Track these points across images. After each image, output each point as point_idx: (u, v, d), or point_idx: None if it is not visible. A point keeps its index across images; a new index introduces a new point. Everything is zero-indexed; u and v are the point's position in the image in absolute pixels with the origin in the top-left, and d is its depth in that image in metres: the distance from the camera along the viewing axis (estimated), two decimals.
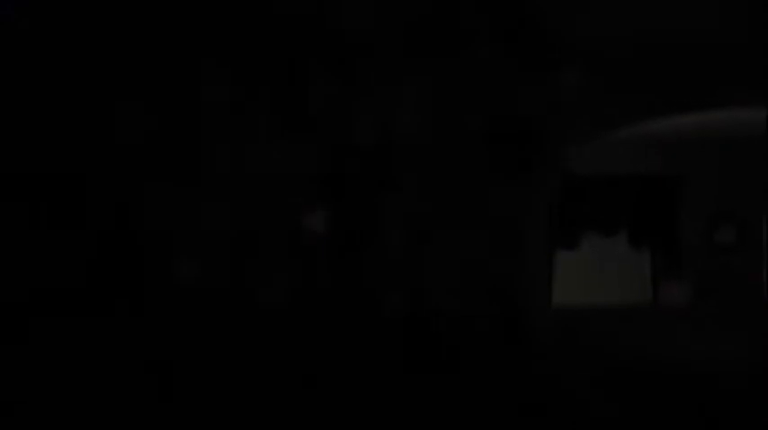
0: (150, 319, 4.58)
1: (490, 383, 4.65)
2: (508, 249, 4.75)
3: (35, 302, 4.53)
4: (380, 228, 4.70)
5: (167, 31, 4.68)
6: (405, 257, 4.70)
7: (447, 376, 4.64)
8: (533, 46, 4.75)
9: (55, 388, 4.51)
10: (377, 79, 4.73)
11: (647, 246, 10.53)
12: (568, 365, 5.17)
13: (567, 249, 10.30)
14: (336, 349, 4.62)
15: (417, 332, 4.65)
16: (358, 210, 4.69)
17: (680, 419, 5.32)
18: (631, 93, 4.88)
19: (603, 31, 4.78)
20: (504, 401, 4.65)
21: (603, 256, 10.43)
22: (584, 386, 5.21)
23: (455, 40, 4.75)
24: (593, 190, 10.43)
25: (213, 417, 4.54)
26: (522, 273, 4.79)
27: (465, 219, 4.74)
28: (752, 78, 4.95)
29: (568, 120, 4.83)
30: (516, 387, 4.67)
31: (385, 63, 4.73)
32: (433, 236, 4.71)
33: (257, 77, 4.70)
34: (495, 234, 4.74)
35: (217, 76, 4.68)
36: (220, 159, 4.68)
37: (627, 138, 9.64)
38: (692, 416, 5.39)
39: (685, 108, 5.84)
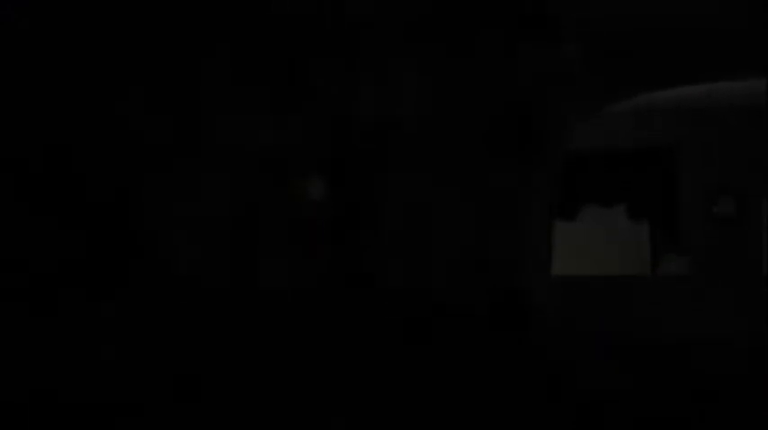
0: (150, 308, 4.61)
1: (492, 362, 4.70)
2: (509, 234, 4.77)
3: (33, 292, 4.56)
4: (380, 211, 4.71)
5: (167, 15, 4.67)
6: (404, 240, 4.72)
7: (447, 356, 4.68)
8: (533, 22, 4.75)
9: (53, 380, 4.55)
10: (378, 61, 4.73)
11: (647, 217, 10.55)
12: (569, 336, 5.22)
13: (566, 220, 10.33)
14: (337, 333, 4.66)
15: (418, 314, 4.69)
16: (357, 193, 4.71)
17: (678, 389, 5.37)
18: (629, 68, 4.89)
19: (603, 9, 4.78)
20: (508, 379, 4.70)
21: (602, 228, 10.46)
22: (584, 357, 5.26)
23: (456, 22, 4.75)
24: (592, 161, 10.44)
25: (216, 404, 4.58)
26: (523, 259, 4.82)
27: (466, 203, 4.76)
28: (751, 59, 4.96)
29: (568, 96, 4.85)
30: (519, 364, 4.72)
31: (386, 44, 4.73)
32: (433, 219, 4.73)
33: (257, 60, 4.70)
34: (497, 218, 4.77)
35: (215, 61, 4.68)
36: (219, 142, 4.68)
37: (626, 109, 9.62)
38: (690, 386, 5.44)
39: (683, 83, 5.85)
